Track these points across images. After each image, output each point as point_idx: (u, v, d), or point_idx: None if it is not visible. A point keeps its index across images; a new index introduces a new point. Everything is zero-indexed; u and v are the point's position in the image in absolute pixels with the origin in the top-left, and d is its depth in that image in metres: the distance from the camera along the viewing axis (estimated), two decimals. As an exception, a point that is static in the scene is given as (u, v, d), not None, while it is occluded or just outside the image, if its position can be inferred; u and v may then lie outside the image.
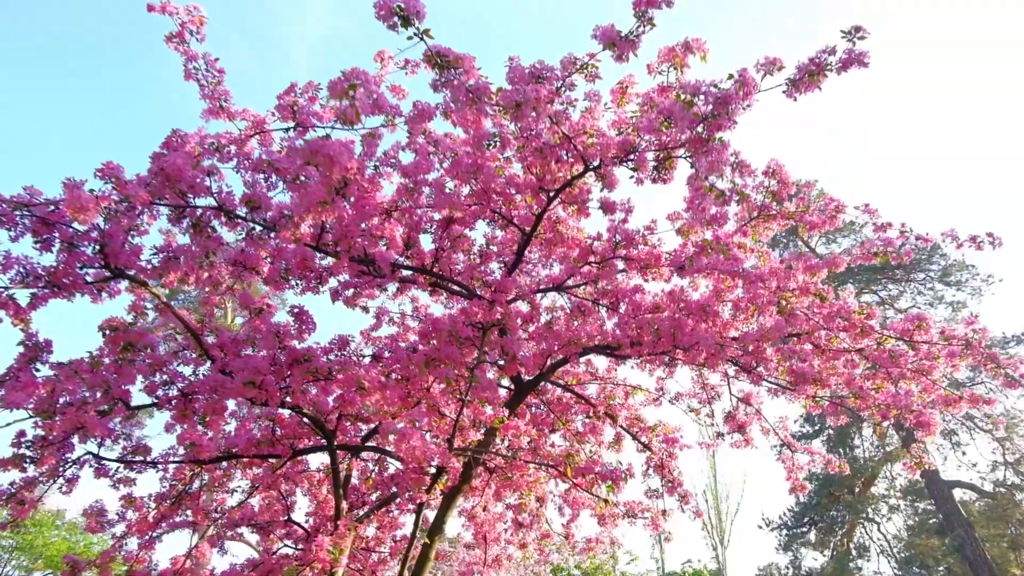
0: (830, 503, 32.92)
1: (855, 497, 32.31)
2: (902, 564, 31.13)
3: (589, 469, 4.63)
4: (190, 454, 6.30)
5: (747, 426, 7.52)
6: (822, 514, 33.32)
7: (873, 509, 32.99)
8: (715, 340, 4.94)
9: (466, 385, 4.66)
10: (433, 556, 5.51)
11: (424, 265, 5.51)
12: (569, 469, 4.64)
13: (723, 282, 5.82)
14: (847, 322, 5.44)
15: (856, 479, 32.54)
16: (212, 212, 4.47)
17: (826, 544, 33.66)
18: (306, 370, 4.92)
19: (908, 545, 31.03)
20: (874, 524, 33.49)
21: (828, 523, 33.42)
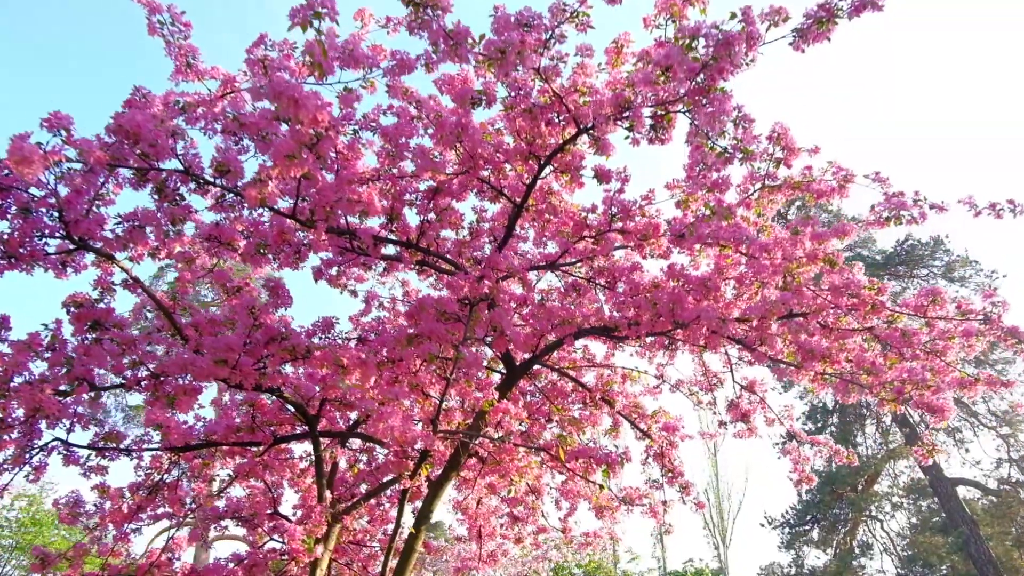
0: (833, 500, 32.61)
1: (858, 495, 31.99)
2: (905, 562, 30.79)
3: (583, 453, 4.32)
4: (166, 442, 6.00)
5: (751, 415, 7.22)
6: (825, 512, 33.01)
7: (876, 507, 32.67)
8: (717, 315, 4.63)
9: (452, 364, 4.36)
10: (419, 547, 5.21)
11: (409, 239, 5.21)
12: (562, 452, 4.34)
13: (725, 259, 5.52)
14: (856, 299, 5.13)
15: (859, 476, 32.22)
16: (178, 176, 4.17)
17: (829, 542, 33.33)
18: (283, 348, 4.62)
19: (912, 543, 30.70)
20: (877, 522, 33.17)
21: (831, 521, 33.09)
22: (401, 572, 5.07)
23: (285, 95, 3.06)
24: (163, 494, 6.14)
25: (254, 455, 5.94)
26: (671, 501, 6.70)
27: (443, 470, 5.45)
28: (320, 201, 4.27)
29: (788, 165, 4.95)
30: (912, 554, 30.80)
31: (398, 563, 5.15)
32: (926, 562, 29.94)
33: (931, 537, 29.94)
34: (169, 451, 5.95)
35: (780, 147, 4.89)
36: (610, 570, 20.90)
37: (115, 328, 5.04)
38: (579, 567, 19.85)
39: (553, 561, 13.43)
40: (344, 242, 5.60)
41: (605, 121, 4.14)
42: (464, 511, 8.64)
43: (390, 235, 5.18)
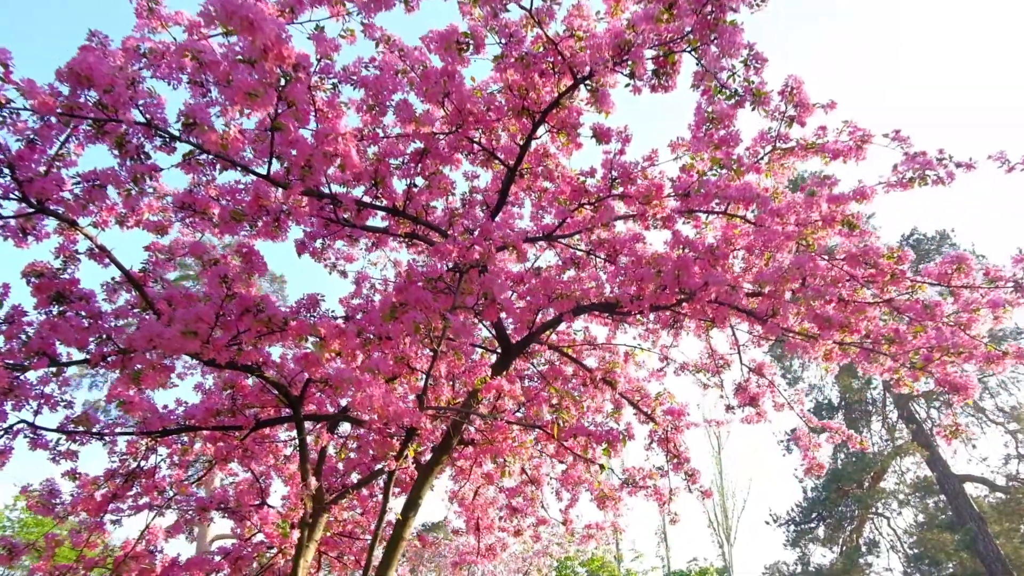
0: (839, 498, 32.23)
1: (864, 491, 31.57)
2: (913, 560, 30.38)
3: (581, 431, 3.98)
4: (141, 426, 5.68)
5: (760, 398, 6.87)
6: (831, 509, 32.62)
7: (883, 504, 32.26)
8: (726, 281, 4.29)
9: (439, 335, 4.03)
10: (407, 535, 4.87)
11: (396, 206, 4.87)
12: (556, 428, 4.00)
13: (733, 228, 5.18)
14: (874, 268, 4.78)
15: (865, 473, 31.84)
16: (141, 130, 3.84)
17: (835, 540, 32.94)
18: (258, 320, 4.28)
19: (919, 540, 30.28)
20: (884, 519, 32.76)
21: (837, 518, 32.69)
22: (387, 562, 4.74)
23: (238, 15, 2.73)
24: (140, 481, 5.82)
25: (236, 440, 5.60)
26: (677, 488, 6.36)
27: (433, 454, 5.12)
28: (295, 158, 3.94)
29: (802, 123, 4.60)
30: (919, 552, 30.39)
31: (384, 552, 4.81)
32: (933, 560, 29.54)
33: (939, 534, 29.52)
34: (145, 435, 5.63)
35: (793, 103, 4.54)
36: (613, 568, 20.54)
37: (81, 301, 4.72)
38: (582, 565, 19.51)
39: (554, 556, 13.08)
40: (327, 212, 5.27)
41: (604, 67, 3.80)
42: (461, 502, 8.31)
43: (375, 201, 4.83)
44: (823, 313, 4.67)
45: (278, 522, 4.02)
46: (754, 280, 4.63)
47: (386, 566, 4.72)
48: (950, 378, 5.27)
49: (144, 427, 5.63)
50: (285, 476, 6.17)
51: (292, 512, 4.30)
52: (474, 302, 4.12)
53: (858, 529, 32.65)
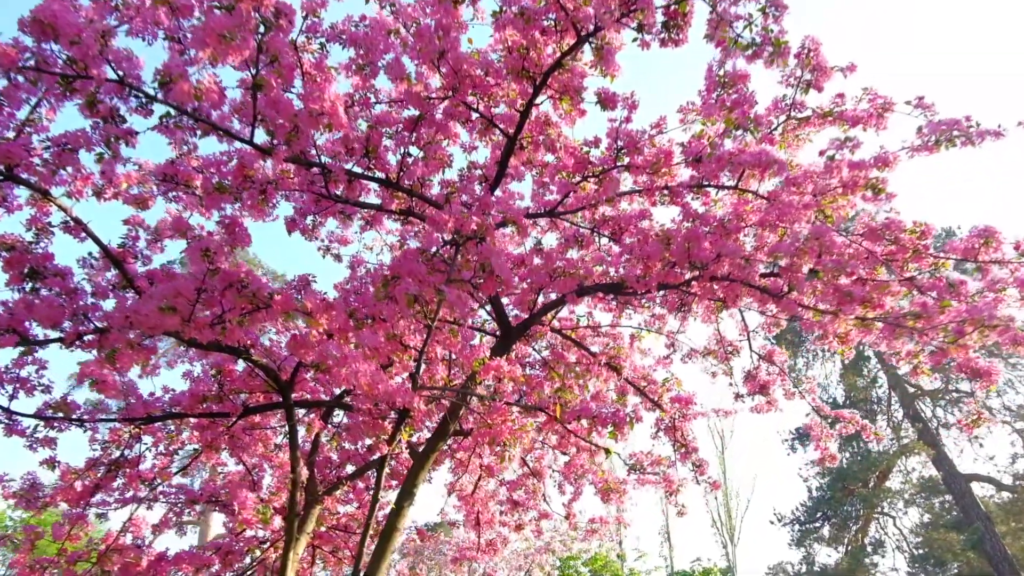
0: (844, 497, 31.90)
1: (869, 491, 31.24)
2: (917, 560, 30.03)
3: (586, 411, 3.71)
4: (123, 412, 5.42)
5: (770, 386, 6.60)
6: (835, 509, 32.30)
7: (889, 503, 31.92)
8: (740, 251, 4.02)
9: (434, 309, 3.77)
10: (402, 526, 4.61)
11: (389, 177, 4.61)
12: (559, 409, 3.74)
13: (745, 204, 4.91)
14: (895, 244, 4.51)
15: (870, 472, 31.51)
16: (113, 88, 3.58)
17: (840, 540, 32.62)
18: (242, 295, 4.02)
19: (926, 540, 29.93)
20: (889, 519, 32.41)
21: (842, 518, 32.36)
22: (380, 554, 4.47)
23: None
24: (124, 472, 5.56)
25: (223, 427, 5.33)
26: (684, 479, 6.09)
27: (429, 440, 4.86)
28: (280, 123, 3.68)
29: (819, 88, 4.33)
30: (925, 552, 30.06)
31: (377, 544, 4.55)
32: (939, 560, 29.20)
33: (945, 534, 29.19)
34: (128, 423, 5.38)
35: (810, 67, 4.27)
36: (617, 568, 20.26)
37: (56, 277, 4.47)
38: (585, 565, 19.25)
39: (557, 554, 12.81)
40: (318, 186, 5.02)
41: (610, 19, 3.53)
42: (460, 496, 8.05)
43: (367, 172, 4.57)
44: (844, 287, 4.39)
45: (259, 508, 3.75)
46: (769, 253, 4.36)
47: (379, 558, 4.46)
48: (972, 363, 5.00)
49: (127, 414, 5.38)
50: (275, 466, 5.91)
51: (274, 497, 4.03)
52: (471, 276, 3.86)
53: (863, 529, 32.32)
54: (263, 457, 5.72)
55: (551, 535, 12.75)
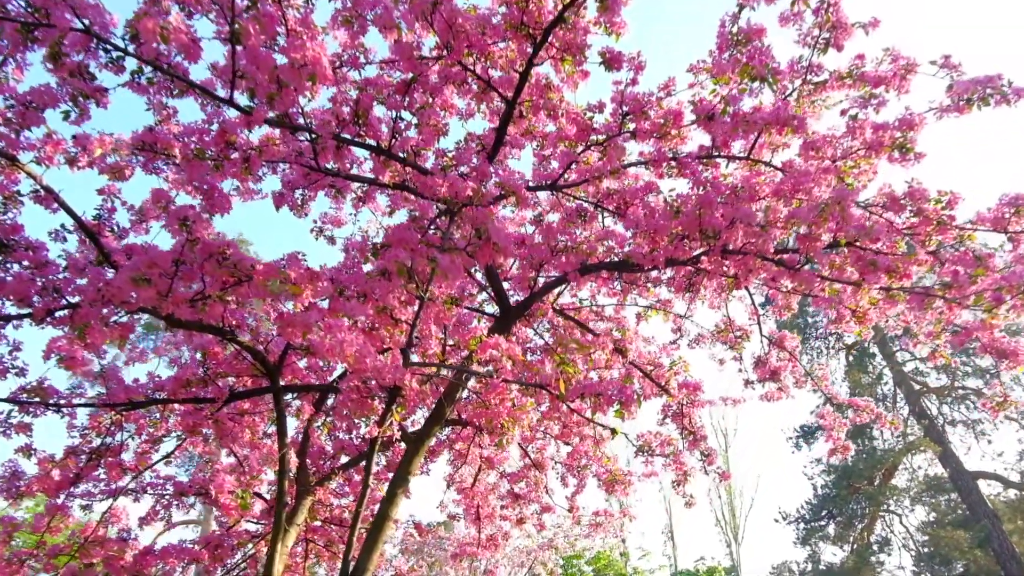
0: (849, 495, 31.59)
1: (875, 489, 30.92)
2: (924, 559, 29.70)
3: (590, 388, 3.45)
4: (103, 397, 5.16)
5: (781, 372, 6.33)
6: (841, 506, 31.98)
7: (895, 501, 31.59)
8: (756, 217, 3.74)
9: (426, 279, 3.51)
10: (395, 515, 4.35)
11: (380, 145, 4.34)
12: (563, 385, 3.47)
13: (758, 175, 4.63)
14: (918, 216, 4.24)
15: (876, 470, 31.20)
16: (80, 40, 3.32)
17: (845, 538, 32.30)
18: (223, 266, 3.75)
19: (932, 538, 29.60)
20: (895, 517, 32.08)
21: (847, 516, 32.04)
22: (372, 544, 4.21)
23: None
24: (106, 460, 5.29)
25: (207, 411, 5.06)
26: (692, 468, 5.82)
27: (424, 424, 4.60)
28: (260, 75, 3.41)
29: (839, 47, 4.05)
30: (932, 550, 29.73)
31: (368, 533, 4.29)
32: (945, 558, 28.87)
33: (952, 532, 28.85)
34: (108, 408, 5.13)
35: (828, 25, 4.00)
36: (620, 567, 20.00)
37: (27, 251, 4.21)
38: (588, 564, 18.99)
39: (559, 551, 12.53)
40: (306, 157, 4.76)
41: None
42: (460, 490, 7.79)
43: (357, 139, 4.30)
44: (867, 255, 4.10)
45: (238, 492, 3.48)
46: (786, 220, 4.07)
47: (370, 548, 4.19)
48: (997, 343, 4.73)
49: (107, 399, 5.12)
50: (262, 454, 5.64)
51: (254, 480, 3.77)
52: (466, 244, 3.60)
53: (869, 527, 32.01)
54: (251, 445, 5.46)
55: (554, 531, 12.48)
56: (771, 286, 5.57)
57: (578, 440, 6.83)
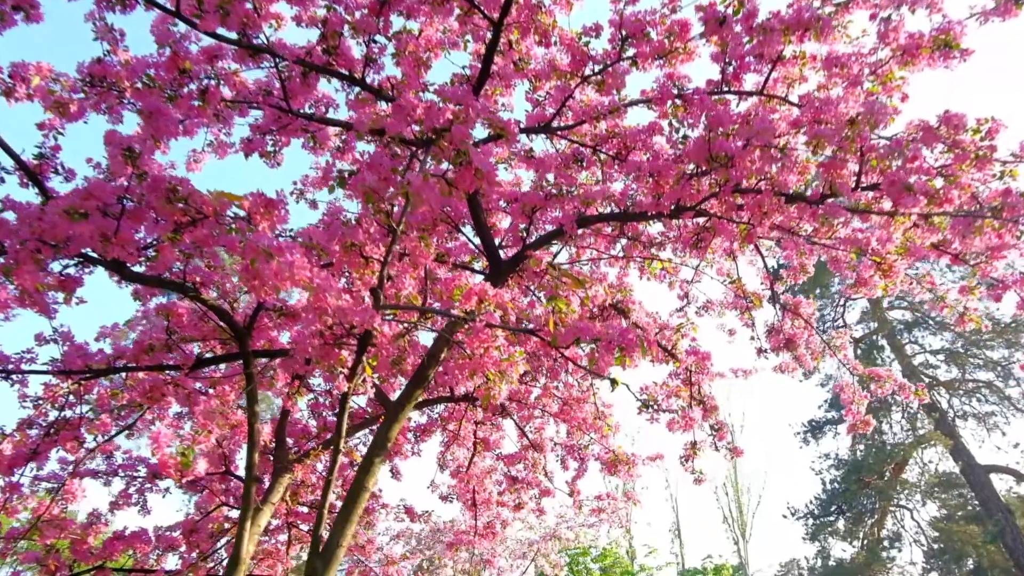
0: (859, 490, 31.06)
1: (885, 483, 30.39)
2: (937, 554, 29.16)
3: (587, 330, 2.99)
4: (58, 364, 4.74)
5: (796, 341, 5.87)
6: (850, 502, 31.47)
7: (906, 496, 31.06)
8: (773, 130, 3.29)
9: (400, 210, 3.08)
10: (371, 485, 3.90)
11: (352, 73, 3.90)
12: (554, 328, 3.02)
13: (773, 111, 4.18)
14: (955, 149, 3.78)
15: (886, 464, 30.69)
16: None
17: (855, 534, 31.78)
18: (170, 202, 3.32)
19: (944, 533, 29.04)
20: (906, 511, 31.53)
21: (857, 511, 31.53)
22: (346, 517, 3.77)
23: None
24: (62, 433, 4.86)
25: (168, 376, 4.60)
26: (702, 442, 5.38)
27: (406, 387, 4.16)
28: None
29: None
30: (943, 546, 29.19)
31: (342, 505, 3.85)
32: (957, 553, 28.32)
33: (965, 527, 28.29)
34: (64, 376, 4.71)
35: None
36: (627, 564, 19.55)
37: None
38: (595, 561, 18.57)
39: (562, 540, 12.06)
40: (275, 97, 4.33)
41: None
42: (455, 474, 7.35)
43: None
44: (902, 177, 3.62)
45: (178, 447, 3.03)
46: (810, 138, 3.59)
47: (344, 522, 3.75)
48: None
49: (63, 365, 4.70)
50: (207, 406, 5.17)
51: (200, 436, 3.33)
52: (444, 172, 3.16)
53: (879, 522, 31.50)
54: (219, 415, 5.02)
55: (557, 521, 12.03)
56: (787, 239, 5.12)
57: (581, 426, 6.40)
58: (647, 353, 3.04)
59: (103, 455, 6.13)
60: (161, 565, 6.06)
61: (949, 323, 33.18)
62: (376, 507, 6.97)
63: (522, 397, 6.63)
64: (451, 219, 4.86)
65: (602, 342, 3.07)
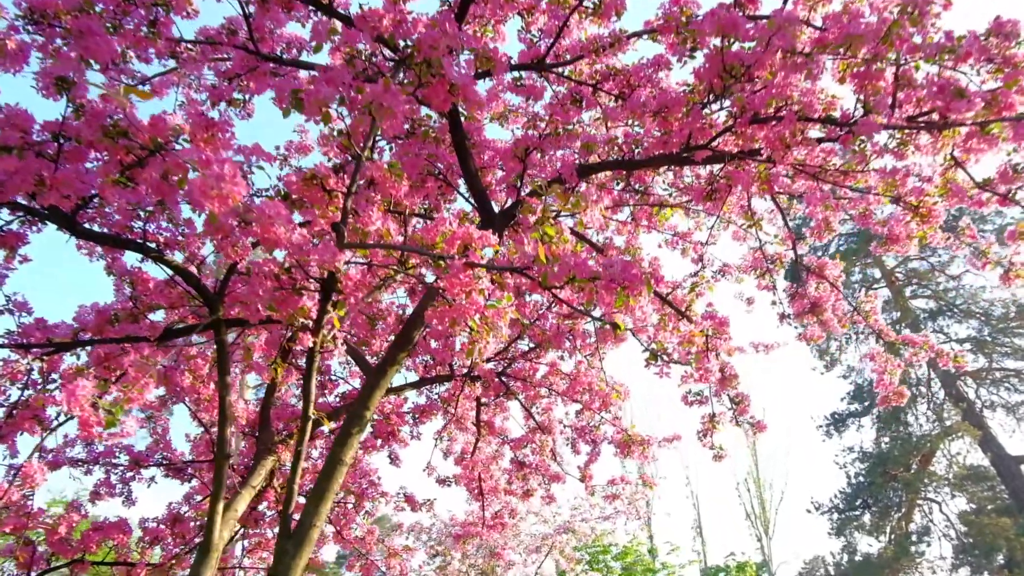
0: (885, 483, 30.32)
1: (912, 476, 29.62)
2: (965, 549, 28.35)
3: (583, 267, 2.55)
4: (13, 336, 4.36)
5: (823, 304, 5.39)
6: (876, 495, 30.73)
7: (934, 488, 30.25)
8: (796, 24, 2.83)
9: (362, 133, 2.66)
10: (348, 458, 3.48)
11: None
12: (543, 256, 2.58)
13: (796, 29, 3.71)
14: (1004, 68, 3.29)
15: (912, 456, 29.94)
16: None
17: (882, 528, 31.02)
18: (107, 136, 2.91)
19: (974, 526, 28.19)
20: (935, 505, 30.71)
21: (883, 505, 30.78)
22: (320, 495, 3.35)
23: None
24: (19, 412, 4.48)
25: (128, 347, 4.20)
26: (721, 414, 4.92)
27: (388, 350, 3.74)
28: None
29: None
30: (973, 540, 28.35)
31: (317, 481, 3.43)
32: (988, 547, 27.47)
33: (996, 520, 27.45)
34: (22, 350, 4.33)
35: None
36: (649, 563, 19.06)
37: None
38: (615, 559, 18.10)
39: (577, 533, 11.59)
40: (241, 37, 3.94)
41: None
42: (459, 461, 6.93)
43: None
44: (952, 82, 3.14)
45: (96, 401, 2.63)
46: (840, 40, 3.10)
47: (317, 499, 3.33)
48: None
49: (21, 338, 4.33)
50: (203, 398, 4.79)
51: (131, 391, 2.92)
52: (414, 90, 2.74)
53: (907, 516, 30.73)
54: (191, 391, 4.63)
55: (571, 513, 11.57)
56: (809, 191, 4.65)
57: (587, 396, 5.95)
58: (652, 290, 2.58)
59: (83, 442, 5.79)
60: (146, 558, 5.71)
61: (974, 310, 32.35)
62: (375, 495, 6.56)
63: (527, 375, 6.20)
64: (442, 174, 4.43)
65: (601, 280, 2.63)
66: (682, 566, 20.92)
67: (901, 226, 4.72)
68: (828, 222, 5.22)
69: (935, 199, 3.93)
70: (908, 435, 31.11)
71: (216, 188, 2.04)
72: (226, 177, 2.05)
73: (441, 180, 4.36)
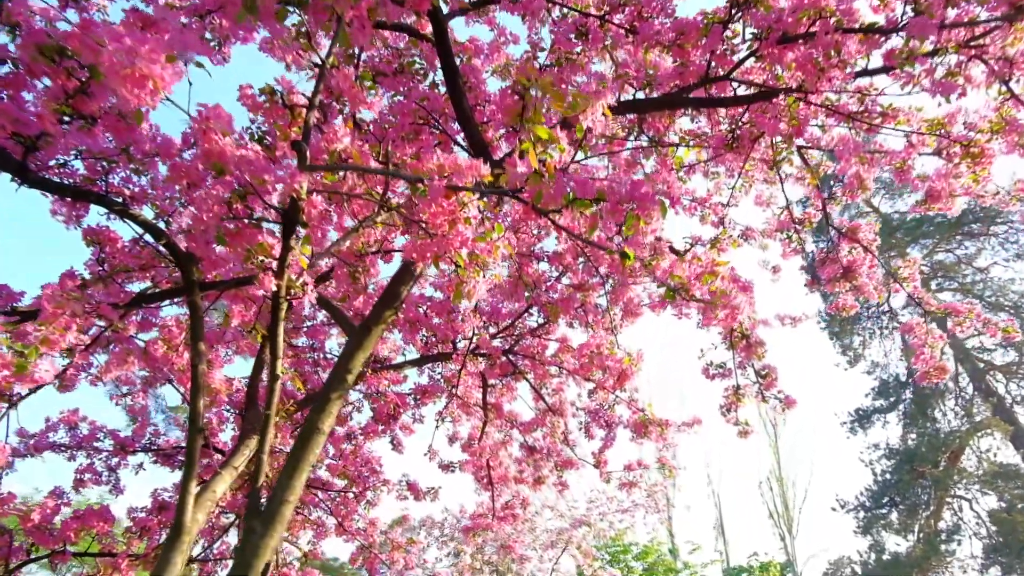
0: (912, 480, 29.51)
1: (941, 473, 28.79)
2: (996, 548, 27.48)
3: (584, 186, 2.13)
4: (-26, 303, 4.03)
5: (857, 269, 4.94)
6: (904, 493, 29.93)
7: (964, 486, 29.39)
8: None
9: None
10: (327, 427, 3.09)
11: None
12: (539, 175, 2.19)
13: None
14: None
15: (941, 453, 29.12)
16: None
17: (910, 526, 30.18)
18: (43, 52, 2.55)
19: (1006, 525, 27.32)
20: (964, 502, 29.83)
21: (911, 503, 29.96)
22: (294, 465, 2.97)
23: None
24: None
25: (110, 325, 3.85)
26: (746, 386, 4.50)
27: (374, 307, 3.35)
28: None
29: None
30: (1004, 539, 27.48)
31: (291, 451, 3.05)
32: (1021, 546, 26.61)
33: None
34: (-17, 318, 4.00)
35: None
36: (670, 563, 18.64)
37: None
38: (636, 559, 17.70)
39: (594, 528, 11.15)
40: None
41: None
42: (466, 447, 6.54)
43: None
44: None
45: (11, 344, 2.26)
46: None
47: (292, 470, 2.95)
48: None
49: (-16, 305, 4.00)
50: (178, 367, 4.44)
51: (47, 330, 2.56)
52: None
53: (936, 514, 29.86)
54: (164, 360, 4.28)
55: (587, 507, 11.13)
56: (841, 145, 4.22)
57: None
58: (666, 212, 2.16)
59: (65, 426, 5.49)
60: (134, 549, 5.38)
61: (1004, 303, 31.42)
62: (377, 484, 6.19)
63: (536, 353, 5.80)
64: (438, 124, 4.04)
65: (606, 201, 2.22)
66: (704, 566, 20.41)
67: (943, 180, 4.28)
68: (861, 178, 4.77)
69: (988, 135, 3.47)
70: (936, 431, 30.29)
71: (129, 66, 1.66)
72: (142, 53, 1.67)
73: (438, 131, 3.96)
